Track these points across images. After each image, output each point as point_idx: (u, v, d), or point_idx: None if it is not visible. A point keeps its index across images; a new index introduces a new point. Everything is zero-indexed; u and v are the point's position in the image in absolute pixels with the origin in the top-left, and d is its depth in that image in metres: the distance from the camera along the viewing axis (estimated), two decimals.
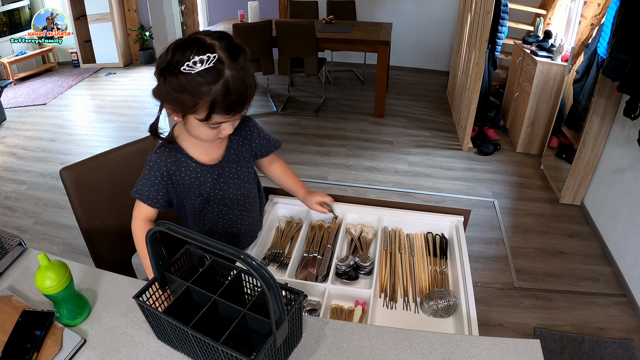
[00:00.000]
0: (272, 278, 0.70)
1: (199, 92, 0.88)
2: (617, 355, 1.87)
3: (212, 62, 0.85)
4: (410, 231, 1.42)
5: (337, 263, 1.23)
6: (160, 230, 0.80)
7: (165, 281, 0.92)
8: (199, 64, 0.85)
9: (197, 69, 0.85)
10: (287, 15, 5.30)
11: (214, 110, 0.90)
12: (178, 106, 0.92)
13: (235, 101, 0.90)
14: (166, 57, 0.89)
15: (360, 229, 1.41)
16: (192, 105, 0.90)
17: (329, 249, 1.31)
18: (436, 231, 1.41)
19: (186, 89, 0.88)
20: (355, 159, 3.48)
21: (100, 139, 3.89)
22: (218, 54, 0.86)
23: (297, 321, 0.85)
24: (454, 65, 4.61)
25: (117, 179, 1.42)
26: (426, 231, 1.41)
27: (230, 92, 0.88)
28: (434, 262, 1.31)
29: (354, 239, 1.36)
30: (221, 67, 0.87)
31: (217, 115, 0.92)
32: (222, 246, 0.71)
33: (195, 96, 0.88)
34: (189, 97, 0.89)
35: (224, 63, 0.87)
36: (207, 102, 0.89)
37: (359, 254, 1.30)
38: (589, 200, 2.79)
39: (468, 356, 0.87)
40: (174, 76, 0.88)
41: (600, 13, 2.93)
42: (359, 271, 1.24)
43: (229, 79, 0.87)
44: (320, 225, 1.43)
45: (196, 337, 0.77)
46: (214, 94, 0.88)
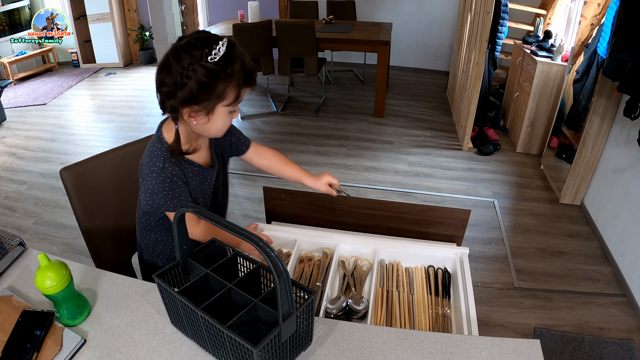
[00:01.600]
0: (284, 268, 0.72)
1: (227, 74, 0.96)
2: (617, 355, 1.87)
3: (225, 47, 0.96)
4: (409, 264, 1.31)
5: (327, 306, 1.10)
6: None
7: (187, 267, 0.95)
8: (222, 48, 0.95)
9: (220, 55, 0.94)
10: (287, 15, 5.30)
11: (241, 87, 1.00)
12: (207, 100, 0.98)
13: (252, 73, 1.01)
14: (181, 61, 0.95)
15: (354, 262, 1.29)
16: (222, 90, 0.98)
17: (319, 287, 1.20)
18: (438, 264, 1.29)
19: (216, 76, 0.95)
20: (355, 159, 3.48)
21: (100, 139, 3.89)
22: (226, 39, 0.97)
23: (308, 321, 0.85)
24: (454, 65, 4.61)
25: (117, 179, 1.42)
26: (427, 264, 1.30)
27: (247, 65, 0.99)
28: (435, 302, 1.18)
29: (346, 275, 1.23)
30: (231, 49, 0.97)
31: (243, 91, 1.02)
32: (242, 230, 0.74)
33: (225, 80, 0.97)
34: (219, 83, 0.96)
35: (230, 46, 0.97)
36: (235, 81, 0.98)
37: (352, 293, 1.17)
38: (589, 200, 2.79)
39: (468, 356, 0.87)
40: (199, 71, 0.94)
41: (600, 13, 2.94)
42: (351, 315, 1.11)
43: (240, 56, 0.98)
44: (309, 257, 1.33)
45: (204, 319, 0.79)
46: (237, 72, 0.97)
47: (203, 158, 1.18)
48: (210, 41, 0.95)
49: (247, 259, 0.97)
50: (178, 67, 0.95)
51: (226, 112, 1.03)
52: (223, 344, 0.80)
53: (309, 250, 1.37)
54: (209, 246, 1.01)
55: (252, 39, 3.91)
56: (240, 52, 0.99)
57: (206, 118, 1.02)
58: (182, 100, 0.98)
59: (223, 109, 1.01)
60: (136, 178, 1.46)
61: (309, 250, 1.37)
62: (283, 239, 1.37)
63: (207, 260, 1.00)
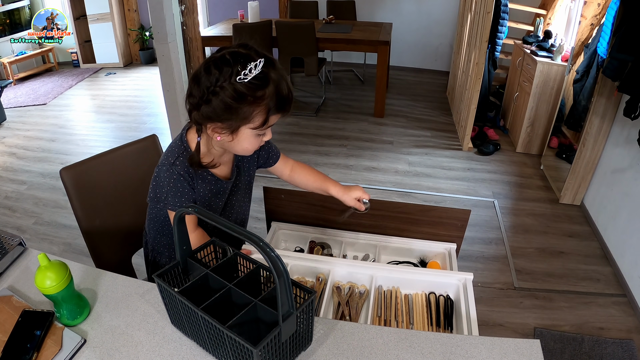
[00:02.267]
0: (284, 268, 0.72)
1: (256, 97, 0.91)
2: (617, 355, 1.87)
3: (260, 68, 0.90)
4: (409, 290, 1.23)
5: None
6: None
7: (187, 267, 0.95)
8: (254, 69, 0.89)
9: (251, 76, 0.89)
10: (287, 15, 5.30)
11: (270, 112, 0.94)
12: (232, 120, 0.94)
13: (286, 99, 0.95)
14: (211, 75, 0.91)
15: (349, 288, 1.21)
16: (249, 113, 0.93)
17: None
18: (440, 291, 1.22)
19: (243, 98, 0.90)
20: (355, 159, 3.48)
21: (100, 139, 3.89)
22: (258, 60, 0.91)
23: (308, 321, 0.86)
24: (454, 65, 4.61)
25: (117, 179, 1.42)
26: (428, 291, 1.23)
27: (282, 91, 0.93)
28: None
29: (341, 303, 1.17)
30: (267, 71, 0.91)
31: (273, 116, 0.96)
32: (241, 230, 0.73)
33: (253, 103, 0.91)
34: (245, 106, 0.91)
35: (268, 67, 0.92)
36: (265, 106, 0.93)
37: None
38: (589, 200, 2.79)
39: (468, 356, 0.87)
40: (227, 90, 0.90)
41: (600, 13, 2.94)
42: None
43: (276, 80, 0.92)
44: (302, 283, 1.24)
45: (204, 319, 0.79)
46: (269, 96, 0.92)
47: (221, 169, 1.15)
48: (245, 59, 0.89)
49: (247, 259, 0.97)
50: (206, 81, 0.91)
51: (253, 134, 0.98)
52: (223, 344, 0.80)
53: (301, 275, 1.30)
54: (209, 247, 1.01)
55: (252, 39, 3.89)
56: (278, 75, 0.93)
57: (230, 137, 0.98)
58: (205, 116, 0.95)
59: (249, 131, 0.96)
60: (136, 178, 1.47)
61: (301, 274, 1.30)
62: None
63: (208, 261, 1.00)
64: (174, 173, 1.06)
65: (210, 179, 1.13)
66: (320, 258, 1.29)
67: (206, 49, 5.20)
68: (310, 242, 1.45)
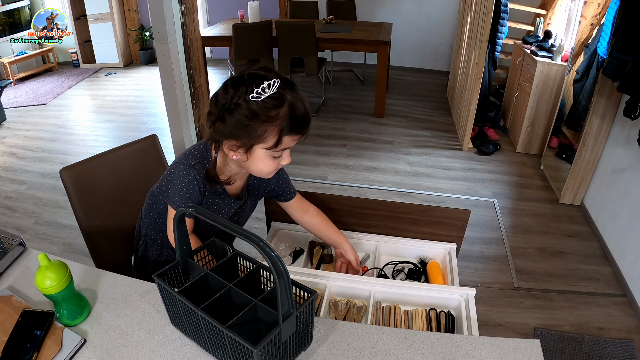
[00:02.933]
0: (284, 268, 0.72)
1: (268, 116, 0.92)
2: (617, 355, 1.87)
3: (276, 88, 0.91)
4: (409, 307, 1.19)
5: None
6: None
7: (187, 267, 0.95)
8: (267, 89, 0.90)
9: (265, 95, 0.90)
10: (287, 15, 5.30)
11: (283, 132, 0.94)
12: (245, 138, 0.95)
13: (302, 120, 0.95)
14: (227, 94, 0.93)
15: (346, 304, 1.17)
16: (262, 132, 0.93)
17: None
18: (441, 307, 1.19)
19: (256, 116, 0.92)
20: (355, 159, 3.48)
21: (100, 139, 3.89)
22: (274, 81, 0.92)
23: (308, 321, 0.86)
24: (454, 65, 4.61)
25: (117, 179, 1.42)
26: (429, 307, 1.19)
27: (296, 112, 0.93)
28: None
29: (337, 319, 1.11)
30: (283, 92, 0.92)
31: (287, 138, 0.96)
32: (241, 230, 0.74)
33: (265, 122, 0.92)
34: (258, 124, 0.92)
35: (284, 88, 0.93)
36: (278, 126, 0.93)
37: None
38: (589, 200, 2.79)
39: (468, 356, 0.87)
40: (241, 108, 0.91)
41: (600, 13, 2.94)
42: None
43: (292, 101, 0.93)
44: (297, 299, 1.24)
45: (204, 319, 0.79)
46: (283, 117, 0.92)
47: (233, 188, 1.16)
48: (262, 79, 0.91)
49: (247, 259, 0.97)
50: (223, 99, 0.94)
51: (267, 155, 0.98)
52: (223, 344, 0.80)
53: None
54: (209, 246, 1.01)
55: (252, 39, 3.91)
56: (294, 97, 0.94)
57: (245, 156, 0.99)
58: (221, 133, 0.97)
59: (263, 151, 0.97)
60: (136, 178, 1.47)
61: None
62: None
63: (208, 261, 1.00)
64: (189, 175, 1.06)
65: (221, 193, 1.14)
66: (316, 272, 1.25)
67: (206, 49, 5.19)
68: (310, 242, 1.45)
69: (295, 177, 3.21)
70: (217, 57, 6.13)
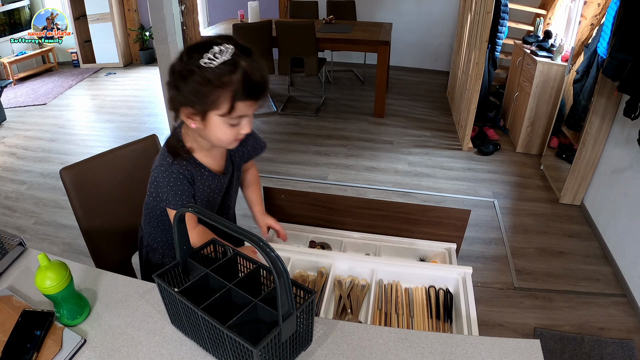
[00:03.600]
0: (284, 268, 0.72)
1: (221, 82, 0.91)
2: (617, 355, 1.87)
3: (229, 55, 0.90)
4: (409, 284, 1.25)
5: None
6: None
7: (187, 267, 0.95)
8: (219, 54, 0.90)
9: (218, 61, 0.90)
10: (287, 15, 5.30)
11: (236, 98, 0.93)
12: (198, 105, 0.95)
13: (256, 86, 0.94)
14: (182, 60, 0.94)
15: (350, 282, 1.23)
16: (215, 98, 0.93)
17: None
18: (439, 285, 1.24)
19: (208, 82, 0.91)
20: (355, 159, 3.48)
21: (100, 139, 3.89)
22: (233, 47, 0.92)
23: (307, 321, 0.86)
24: (454, 65, 4.61)
25: (117, 179, 1.42)
26: (428, 285, 1.24)
27: (250, 78, 0.92)
28: (437, 326, 1.14)
29: (342, 297, 1.18)
30: (237, 58, 0.91)
31: (241, 104, 0.94)
32: (241, 231, 0.73)
33: (218, 88, 0.92)
34: (211, 89, 0.92)
35: (239, 55, 0.92)
36: (230, 92, 0.92)
37: (348, 317, 1.13)
38: (589, 200, 2.79)
39: (468, 356, 0.87)
40: (194, 74, 0.92)
41: (600, 13, 2.94)
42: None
43: (246, 67, 0.92)
44: (304, 277, 1.29)
45: (204, 319, 0.79)
46: (235, 82, 0.91)
47: (216, 164, 1.15)
48: (214, 45, 0.91)
49: (247, 259, 0.97)
50: (178, 67, 0.94)
51: (224, 122, 0.97)
52: (223, 344, 0.80)
53: (303, 269, 1.31)
54: (209, 246, 1.01)
55: (252, 39, 3.90)
56: (250, 63, 0.92)
57: (202, 124, 0.99)
58: (177, 101, 0.97)
59: (218, 118, 0.96)
60: (136, 178, 1.46)
61: (303, 268, 1.31)
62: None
63: (208, 260, 1.00)
64: (173, 172, 1.06)
65: (207, 175, 1.13)
66: (322, 252, 1.31)
67: None
68: (310, 242, 1.45)
69: (296, 177, 3.21)
70: None
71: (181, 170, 1.07)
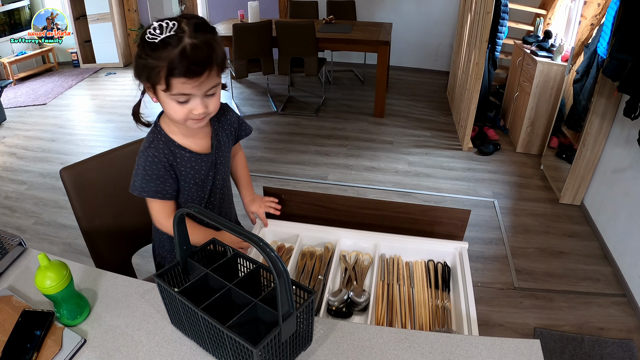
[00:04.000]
0: (284, 268, 0.72)
1: (159, 57, 0.91)
2: (617, 355, 1.87)
3: (172, 30, 0.90)
4: (409, 259, 1.32)
5: (329, 298, 1.12)
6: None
7: (188, 267, 0.95)
8: (158, 30, 0.90)
9: (159, 37, 0.90)
10: (287, 15, 5.30)
11: (171, 74, 0.92)
12: (144, 78, 0.96)
13: (191, 64, 0.91)
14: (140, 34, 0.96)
15: (355, 256, 1.31)
16: (155, 73, 0.93)
17: (321, 280, 1.21)
18: (438, 259, 1.31)
19: (149, 55, 0.92)
20: (355, 159, 3.48)
21: (100, 139, 3.89)
22: (180, 25, 0.91)
23: (308, 321, 0.85)
24: (454, 65, 4.61)
25: (117, 179, 1.42)
26: (427, 259, 1.32)
27: (187, 55, 0.90)
28: (435, 295, 1.20)
29: (347, 269, 1.25)
30: (182, 34, 0.91)
31: (176, 81, 0.92)
32: (241, 230, 0.73)
33: (156, 60, 0.91)
34: (153, 62, 0.92)
35: (185, 32, 0.91)
36: (164, 68, 0.91)
37: (353, 286, 1.18)
38: (589, 200, 2.79)
39: (468, 356, 0.87)
40: (141, 47, 0.94)
41: (600, 13, 2.94)
42: (352, 307, 1.12)
43: (187, 45, 0.90)
44: (311, 253, 1.34)
45: (204, 319, 0.79)
46: (171, 58, 0.90)
47: (197, 144, 1.14)
48: (161, 21, 0.92)
49: (248, 259, 0.97)
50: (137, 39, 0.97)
51: (170, 99, 0.97)
52: (223, 344, 0.80)
53: (311, 245, 1.38)
54: (209, 246, 1.01)
55: (252, 39, 3.90)
56: (192, 40, 0.90)
57: (155, 98, 1.01)
58: (134, 75, 0.99)
59: (164, 94, 0.96)
60: None
61: (311, 245, 1.38)
62: (285, 234, 1.38)
63: (208, 260, 1.00)
64: (149, 156, 1.07)
65: (190, 156, 1.12)
66: (328, 229, 1.36)
67: None
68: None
69: (296, 177, 3.21)
70: None
71: (157, 153, 1.07)
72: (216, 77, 0.98)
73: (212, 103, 1.01)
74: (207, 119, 1.05)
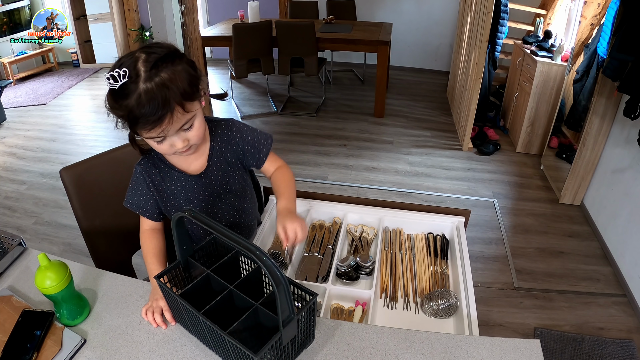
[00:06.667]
0: (282, 276, 0.71)
1: (120, 106, 0.85)
2: (617, 355, 1.87)
3: (124, 78, 0.83)
4: (411, 231, 1.42)
5: (337, 263, 1.23)
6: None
7: (189, 267, 0.95)
8: (111, 79, 0.84)
9: (115, 85, 0.84)
10: (287, 15, 5.29)
11: (135, 124, 0.86)
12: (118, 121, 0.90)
13: (149, 115, 0.84)
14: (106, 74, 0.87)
15: (361, 229, 1.41)
16: (122, 121, 0.88)
17: (330, 249, 1.32)
18: (437, 232, 1.41)
19: (112, 105, 0.87)
20: (355, 159, 3.48)
21: (100, 139, 3.89)
22: (136, 66, 0.84)
23: (309, 321, 0.85)
24: (454, 65, 4.61)
25: (117, 179, 1.41)
26: (427, 232, 1.41)
27: (143, 105, 0.83)
28: (435, 263, 1.31)
29: (354, 240, 1.36)
30: (137, 79, 0.84)
31: (141, 129, 0.87)
32: (238, 239, 0.73)
33: (118, 110, 0.86)
34: (116, 112, 0.87)
35: (140, 76, 0.84)
36: (126, 117, 0.86)
37: (359, 254, 1.29)
38: (589, 200, 2.79)
39: (468, 356, 0.87)
40: (107, 93, 0.88)
41: (600, 13, 2.94)
42: (359, 271, 1.24)
43: (141, 92, 0.83)
44: (320, 224, 1.43)
45: (206, 324, 0.79)
46: (130, 108, 0.84)
47: (188, 164, 1.09)
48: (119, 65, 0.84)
49: (249, 258, 0.97)
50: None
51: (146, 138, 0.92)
52: (225, 347, 0.80)
53: (320, 219, 1.47)
54: (210, 245, 1.01)
55: (252, 39, 3.90)
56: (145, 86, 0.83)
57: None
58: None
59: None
60: None
61: (320, 218, 1.47)
62: (297, 211, 1.42)
63: (209, 258, 1.00)
64: (136, 172, 1.10)
65: (179, 176, 1.09)
66: (336, 204, 1.46)
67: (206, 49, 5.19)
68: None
69: (296, 177, 3.20)
70: (217, 57, 6.13)
71: (142, 170, 1.09)
72: (185, 113, 0.89)
73: (192, 134, 0.95)
74: (194, 147, 1.00)
